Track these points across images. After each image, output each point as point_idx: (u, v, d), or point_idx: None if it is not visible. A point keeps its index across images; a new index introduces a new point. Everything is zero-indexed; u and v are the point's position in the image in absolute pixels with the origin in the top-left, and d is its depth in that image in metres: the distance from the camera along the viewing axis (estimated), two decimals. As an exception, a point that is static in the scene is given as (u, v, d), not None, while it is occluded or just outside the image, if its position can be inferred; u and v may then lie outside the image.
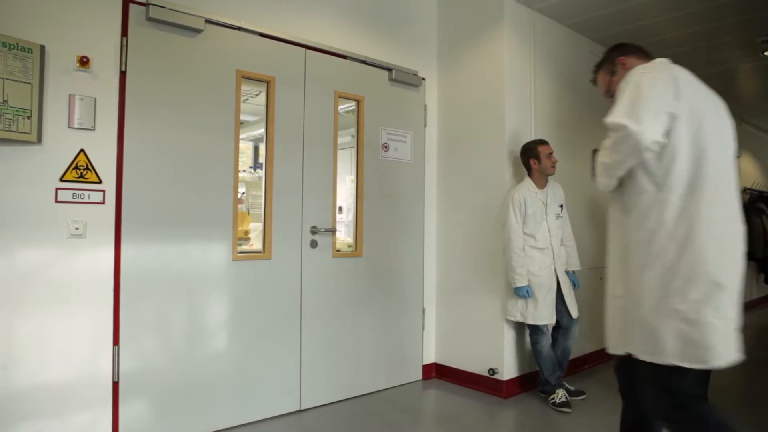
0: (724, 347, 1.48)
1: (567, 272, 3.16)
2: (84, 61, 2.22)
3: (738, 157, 6.48)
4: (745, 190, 6.79)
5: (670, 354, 1.48)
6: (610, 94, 1.89)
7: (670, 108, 1.50)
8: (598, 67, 2.03)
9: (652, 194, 1.56)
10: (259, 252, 2.82)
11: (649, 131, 1.47)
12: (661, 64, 1.73)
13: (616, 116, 1.53)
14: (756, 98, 5.90)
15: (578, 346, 3.37)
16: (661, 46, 4.21)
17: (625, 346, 1.63)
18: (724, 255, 1.50)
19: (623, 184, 1.67)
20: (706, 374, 1.56)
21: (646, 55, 1.88)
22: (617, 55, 1.92)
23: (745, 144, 6.91)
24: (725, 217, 1.54)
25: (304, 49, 2.94)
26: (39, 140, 2.12)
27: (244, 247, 4.94)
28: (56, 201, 2.17)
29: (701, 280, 1.47)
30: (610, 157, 1.62)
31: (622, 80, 1.66)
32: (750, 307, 6.67)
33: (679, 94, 1.53)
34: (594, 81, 2.08)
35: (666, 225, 1.52)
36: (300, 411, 2.88)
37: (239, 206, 7.01)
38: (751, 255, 6.33)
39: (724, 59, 4.59)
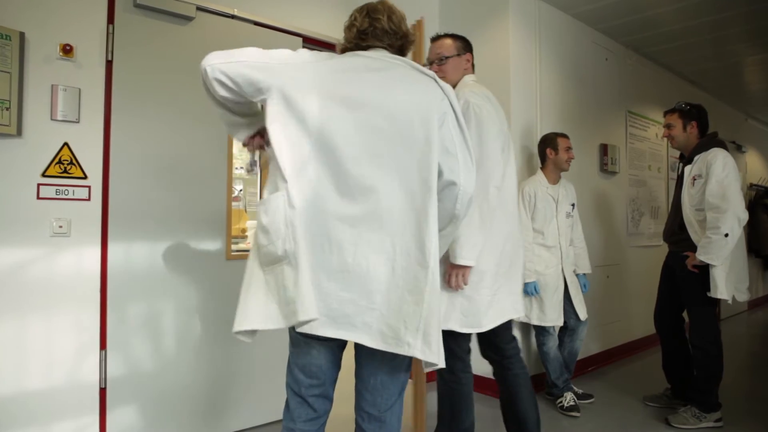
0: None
1: (577, 275, 3.05)
2: (67, 50, 2.10)
3: (743, 152, 6.38)
4: (751, 186, 6.68)
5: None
6: None
7: None
8: None
9: None
10: (255, 251, 2.70)
11: None
12: None
13: None
14: (763, 92, 5.80)
15: (584, 346, 3.26)
16: (665, 38, 4.12)
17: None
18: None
19: None
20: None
21: None
22: None
23: (750, 140, 6.81)
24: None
25: (300, 38, 2.82)
26: (19, 133, 2.00)
27: (242, 245, 4.82)
28: (38, 197, 2.05)
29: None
30: None
31: None
32: (755, 305, 6.57)
33: None
34: None
35: None
36: (298, 416, 2.77)
37: (236, 204, 6.89)
38: (758, 252, 6.23)
39: (730, 52, 4.49)
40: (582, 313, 2.96)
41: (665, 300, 2.94)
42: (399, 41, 1.49)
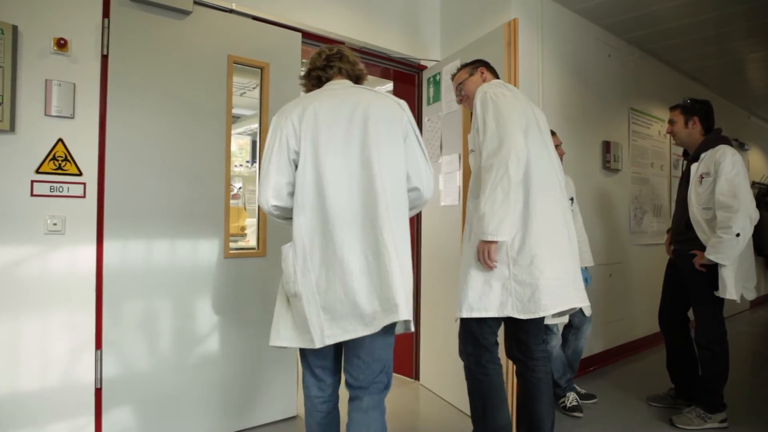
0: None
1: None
2: (62, 44, 2.06)
3: (746, 149, 6.34)
4: (753, 184, 6.64)
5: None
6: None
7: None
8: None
9: None
10: (254, 249, 2.66)
11: None
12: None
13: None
14: (765, 90, 5.75)
15: (586, 345, 3.22)
16: (668, 35, 4.08)
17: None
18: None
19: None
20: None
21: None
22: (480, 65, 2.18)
23: (753, 137, 6.77)
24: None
25: (299, 33, 2.78)
26: (12, 128, 1.96)
27: (241, 244, 4.78)
28: (32, 194, 2.01)
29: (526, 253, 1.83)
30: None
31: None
32: (757, 303, 6.53)
33: None
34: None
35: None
36: (297, 417, 2.73)
37: (236, 201, 6.82)
38: (760, 250, 6.18)
39: (733, 49, 4.45)
40: (587, 309, 2.92)
41: (670, 299, 2.90)
42: (356, 72, 1.80)
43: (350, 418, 1.61)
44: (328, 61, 1.76)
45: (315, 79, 1.79)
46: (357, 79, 1.81)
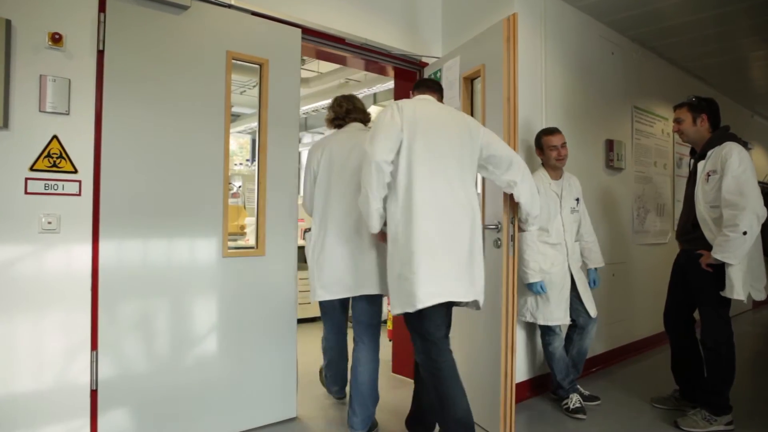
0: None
1: (589, 270, 2.97)
2: (56, 39, 2.02)
3: (749, 149, 6.30)
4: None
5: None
6: None
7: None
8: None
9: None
10: (253, 248, 2.62)
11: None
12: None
13: None
14: (769, 88, 5.71)
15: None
16: (671, 32, 4.04)
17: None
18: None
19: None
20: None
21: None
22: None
23: (756, 137, 6.72)
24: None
25: (299, 29, 2.74)
26: (5, 125, 1.92)
27: (240, 242, 4.75)
28: (26, 192, 1.97)
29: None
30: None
31: None
32: (760, 303, 6.49)
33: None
34: None
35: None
36: (296, 419, 2.70)
37: (235, 200, 6.78)
38: (764, 250, 6.13)
39: (736, 47, 4.40)
40: (592, 310, 2.88)
41: (675, 299, 2.86)
42: (366, 118, 2.68)
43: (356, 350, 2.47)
44: (347, 114, 2.63)
45: (336, 125, 2.66)
46: (365, 122, 2.66)
